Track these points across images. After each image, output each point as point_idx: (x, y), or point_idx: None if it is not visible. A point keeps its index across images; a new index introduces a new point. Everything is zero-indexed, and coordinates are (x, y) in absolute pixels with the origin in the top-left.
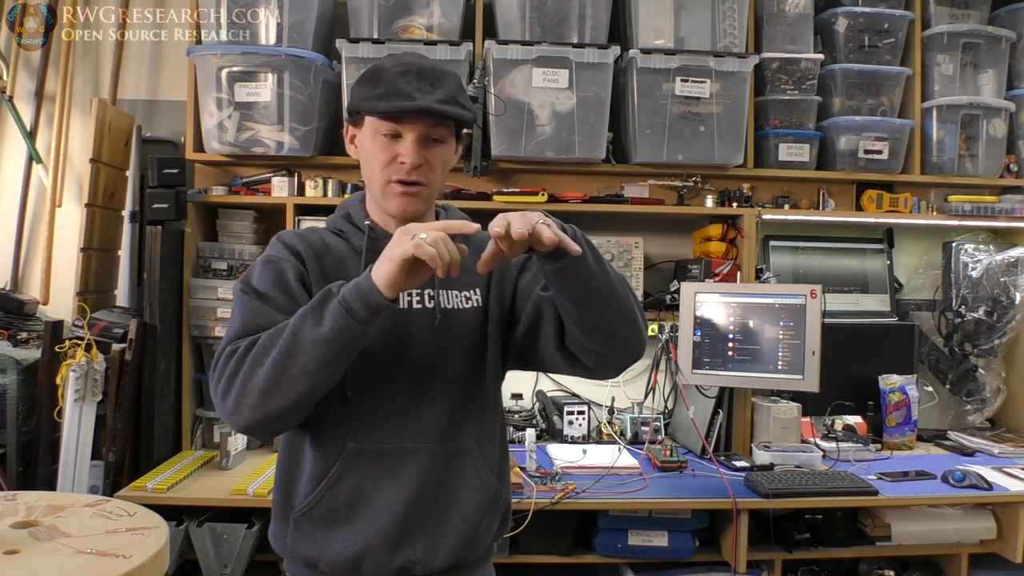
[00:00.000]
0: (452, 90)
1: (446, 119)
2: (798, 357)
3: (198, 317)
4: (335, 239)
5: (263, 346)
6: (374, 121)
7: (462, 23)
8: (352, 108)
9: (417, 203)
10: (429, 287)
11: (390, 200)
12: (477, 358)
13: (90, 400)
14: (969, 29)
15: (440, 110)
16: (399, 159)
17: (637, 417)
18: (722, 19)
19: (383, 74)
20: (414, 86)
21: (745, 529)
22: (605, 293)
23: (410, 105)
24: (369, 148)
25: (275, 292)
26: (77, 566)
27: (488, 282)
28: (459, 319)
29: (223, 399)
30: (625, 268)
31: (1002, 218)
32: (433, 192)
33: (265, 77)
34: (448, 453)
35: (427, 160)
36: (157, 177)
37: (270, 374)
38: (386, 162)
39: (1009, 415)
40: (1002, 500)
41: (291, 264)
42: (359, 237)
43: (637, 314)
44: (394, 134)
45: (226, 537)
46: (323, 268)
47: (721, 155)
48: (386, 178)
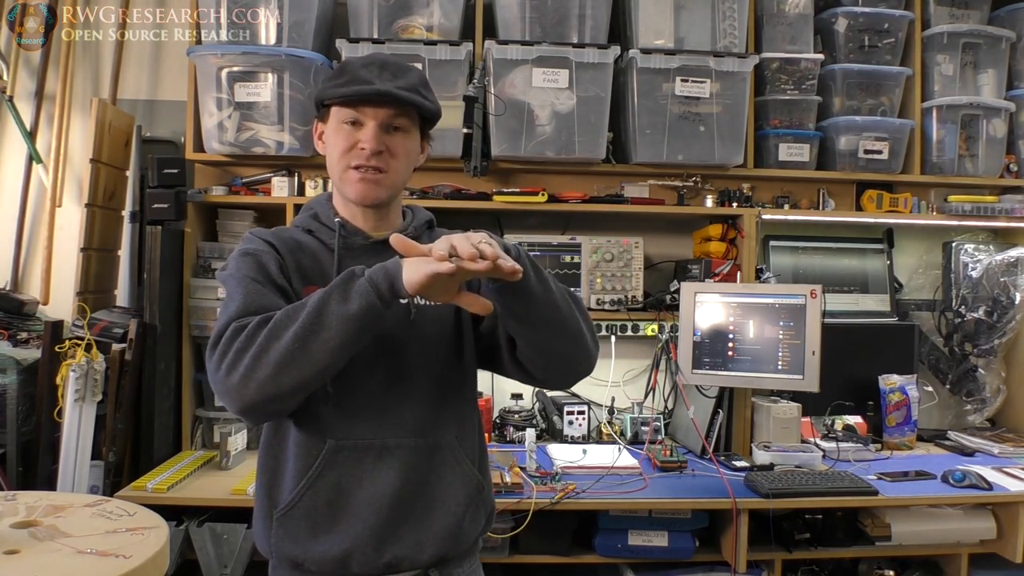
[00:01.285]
0: (413, 81)
1: (405, 105)
2: (798, 357)
3: (198, 317)
4: (306, 237)
5: (280, 321)
6: (337, 111)
7: (462, 23)
8: (317, 99)
9: (377, 190)
10: None
11: (349, 186)
12: (452, 353)
13: (90, 400)
14: (969, 29)
15: (398, 94)
16: (359, 145)
17: (637, 417)
18: (722, 19)
19: (347, 66)
20: (375, 75)
21: (745, 529)
22: (547, 313)
23: (368, 89)
24: (332, 138)
25: (263, 279)
26: (77, 566)
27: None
28: (433, 314)
29: (228, 373)
30: (625, 268)
31: (1002, 218)
32: (395, 181)
33: (265, 77)
34: (429, 447)
35: (388, 147)
36: (157, 177)
37: (289, 348)
38: (346, 149)
39: (1009, 415)
40: (1002, 500)
41: (271, 256)
42: (330, 235)
43: (584, 332)
44: (354, 121)
45: (226, 537)
46: (299, 264)
47: (721, 155)
48: (346, 164)
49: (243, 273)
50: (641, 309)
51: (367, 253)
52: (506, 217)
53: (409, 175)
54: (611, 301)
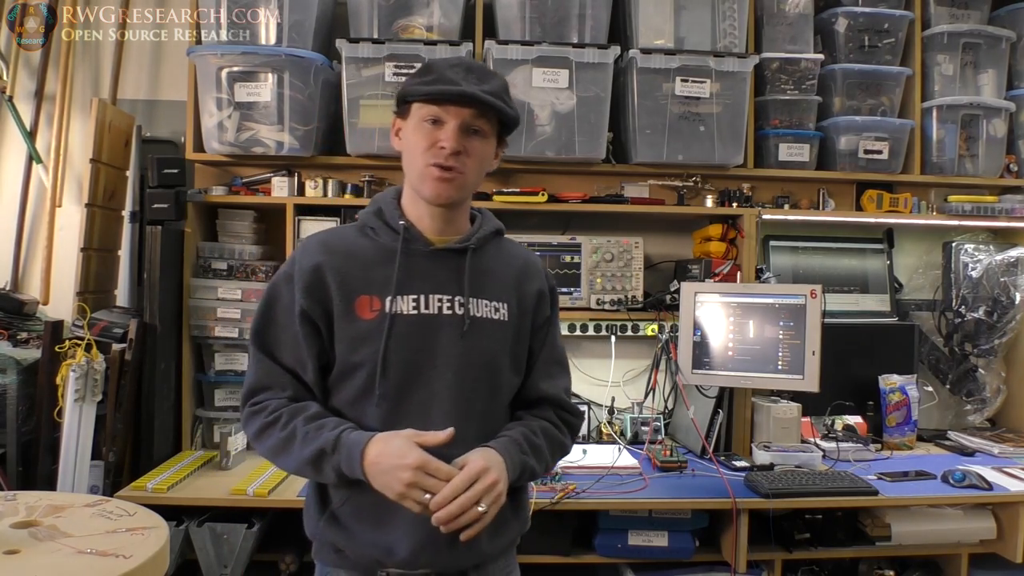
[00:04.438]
0: (497, 87)
1: (488, 109)
2: (798, 357)
3: (198, 317)
4: (364, 242)
5: (268, 425)
6: (419, 108)
7: (462, 23)
8: (400, 96)
9: (451, 189)
10: (459, 294)
11: (426, 183)
12: (497, 369)
13: (90, 400)
14: (969, 29)
15: (482, 97)
16: (439, 144)
17: (637, 417)
18: (722, 19)
19: (433, 65)
20: (461, 76)
21: (745, 529)
22: (534, 473)
23: (453, 89)
24: (412, 136)
25: (276, 336)
26: (77, 566)
27: (515, 300)
28: (486, 328)
29: (248, 438)
30: (625, 268)
31: (1002, 218)
32: (468, 182)
33: (265, 77)
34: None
35: (466, 149)
36: (157, 177)
37: (270, 453)
38: (426, 147)
39: (1009, 415)
40: (1002, 500)
41: (292, 294)
42: (392, 238)
43: (557, 458)
44: (436, 119)
45: (226, 537)
46: (347, 278)
47: (721, 155)
48: (425, 162)
49: (259, 331)
50: (641, 309)
51: (426, 260)
52: (506, 217)
53: (481, 179)
54: (611, 301)
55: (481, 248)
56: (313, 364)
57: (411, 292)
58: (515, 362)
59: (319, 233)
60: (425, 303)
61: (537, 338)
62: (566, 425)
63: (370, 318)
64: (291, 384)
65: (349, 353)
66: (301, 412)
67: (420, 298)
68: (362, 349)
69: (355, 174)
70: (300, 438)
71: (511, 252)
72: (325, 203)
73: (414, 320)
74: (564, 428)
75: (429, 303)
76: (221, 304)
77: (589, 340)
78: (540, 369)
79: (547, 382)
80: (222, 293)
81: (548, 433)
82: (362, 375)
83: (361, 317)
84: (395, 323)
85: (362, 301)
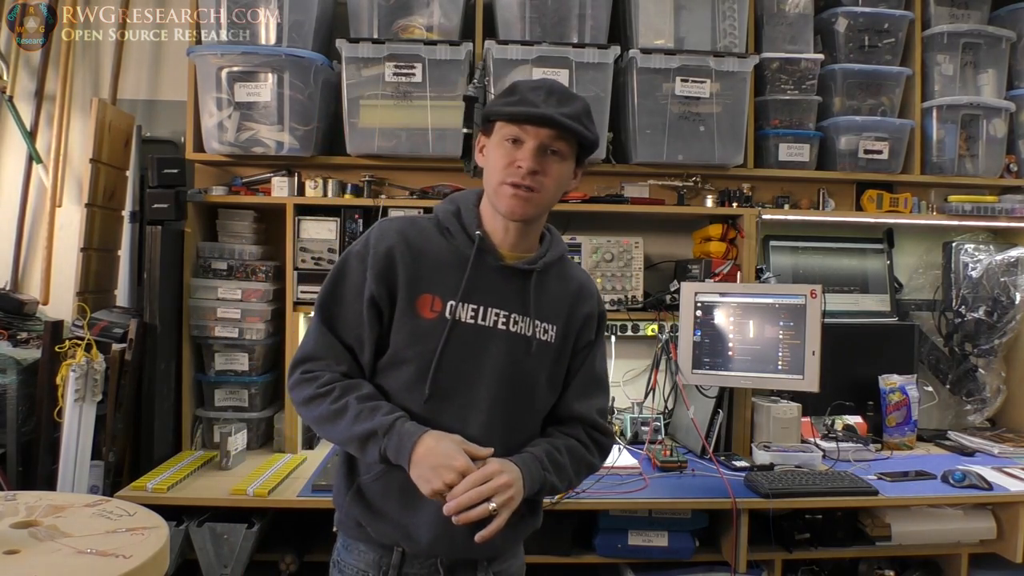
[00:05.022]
0: (577, 109)
1: (566, 131)
2: (798, 357)
3: (198, 317)
4: (440, 240)
5: (320, 396)
6: (501, 128)
7: (462, 23)
8: (485, 114)
9: (527, 207)
10: (516, 311)
11: (502, 200)
12: (535, 385)
13: (90, 400)
14: (969, 29)
15: (560, 120)
16: (516, 163)
17: (637, 417)
18: (722, 19)
19: (518, 87)
20: (542, 99)
21: (745, 529)
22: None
23: (533, 111)
24: (493, 153)
25: (340, 312)
26: (77, 566)
27: (564, 322)
28: (545, 352)
29: (294, 403)
30: (625, 268)
31: (1002, 218)
32: (545, 201)
33: (265, 77)
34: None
35: (543, 169)
36: (157, 177)
37: (316, 422)
38: (505, 165)
39: (1009, 415)
40: (1002, 500)
41: (363, 274)
42: (467, 245)
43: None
44: (516, 139)
45: (226, 537)
46: (416, 273)
47: (721, 155)
48: (501, 179)
49: (324, 304)
50: (641, 309)
51: (494, 274)
52: None
53: (557, 198)
54: (611, 301)
55: (546, 270)
56: (371, 346)
57: (473, 302)
58: (552, 381)
59: (397, 219)
60: (483, 315)
61: (577, 359)
62: (596, 445)
63: (430, 317)
64: (346, 360)
65: (404, 346)
66: (355, 389)
67: (480, 309)
68: (416, 345)
69: (355, 174)
70: (353, 414)
71: (570, 274)
72: (325, 203)
73: (470, 329)
74: (593, 448)
75: (487, 315)
76: (221, 304)
77: None
78: (576, 388)
79: (580, 402)
80: (222, 293)
81: (573, 452)
82: (410, 370)
83: (421, 314)
84: (454, 328)
85: (424, 299)
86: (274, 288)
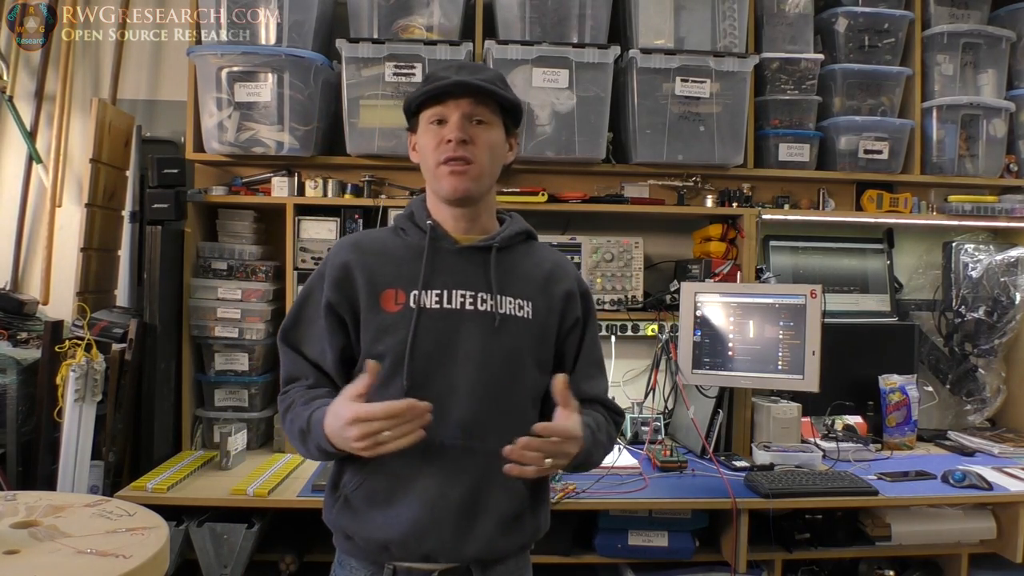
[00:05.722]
0: (491, 75)
1: (483, 95)
2: (798, 357)
3: (198, 317)
4: (395, 241)
5: (284, 412)
6: (424, 116)
7: (462, 23)
8: (405, 109)
9: (466, 181)
10: (483, 290)
11: (442, 182)
12: (519, 364)
13: (90, 400)
14: (969, 29)
15: (475, 83)
16: (445, 139)
17: (637, 417)
18: (722, 19)
19: (428, 74)
20: (453, 71)
21: (745, 529)
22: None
23: (446, 82)
24: (422, 141)
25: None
26: (77, 566)
27: (541, 299)
28: (509, 324)
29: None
30: (625, 268)
31: (1002, 218)
32: (483, 172)
33: (265, 77)
34: (486, 452)
35: (472, 138)
36: (157, 177)
37: (291, 439)
38: (435, 146)
39: (1009, 415)
40: (1002, 500)
41: (322, 290)
42: (420, 236)
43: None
44: (440, 119)
45: (226, 537)
46: (376, 272)
47: (721, 155)
48: (436, 160)
49: (287, 327)
50: (641, 309)
51: (452, 256)
52: None
53: (497, 171)
54: (611, 301)
55: (508, 248)
56: (334, 355)
57: (435, 287)
58: (540, 361)
59: (354, 234)
60: (448, 298)
61: (571, 340)
62: (615, 425)
63: (395, 310)
64: (313, 374)
65: (373, 343)
66: (304, 397)
67: (444, 293)
68: (385, 339)
69: (355, 174)
70: (298, 426)
71: (543, 255)
72: (325, 203)
73: (437, 314)
74: (613, 428)
75: (452, 298)
76: (221, 304)
77: None
78: (581, 371)
79: (589, 383)
80: (222, 293)
81: (601, 426)
82: (385, 365)
83: (386, 309)
84: (420, 316)
85: (387, 294)
86: (274, 288)
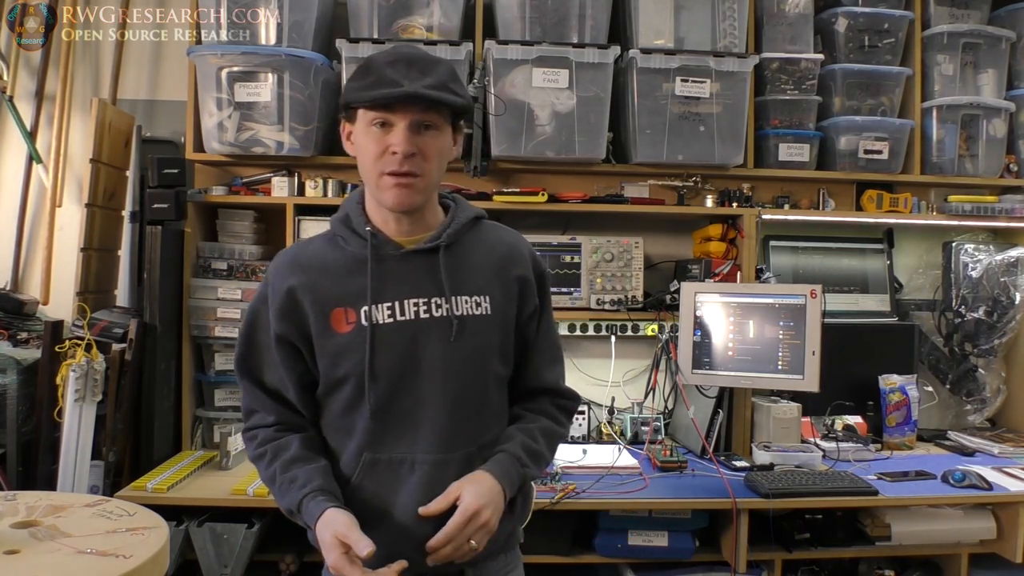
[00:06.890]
0: (442, 77)
1: (436, 104)
2: (798, 357)
3: (198, 317)
4: (334, 253)
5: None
6: (365, 113)
7: (462, 23)
8: (343, 102)
9: (413, 195)
10: (436, 295)
11: (385, 194)
12: (485, 364)
13: (90, 400)
14: (969, 29)
15: (428, 94)
16: (391, 149)
17: (637, 417)
18: (722, 19)
19: (373, 65)
20: (402, 74)
21: (745, 529)
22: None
23: (396, 92)
24: (362, 141)
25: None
26: (77, 566)
27: (498, 289)
28: (469, 325)
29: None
30: (625, 268)
31: (1002, 218)
32: (430, 183)
33: (265, 77)
34: (458, 460)
35: (420, 149)
36: (157, 177)
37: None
38: (378, 154)
39: (1009, 415)
40: (1002, 500)
41: (267, 314)
42: (360, 244)
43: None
44: (384, 123)
45: (226, 537)
46: (321, 293)
47: (721, 155)
48: (379, 170)
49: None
50: (641, 309)
51: (398, 263)
52: (506, 217)
53: (443, 173)
54: (611, 301)
55: (457, 241)
56: (295, 385)
57: (385, 300)
58: (503, 354)
59: (291, 249)
60: (401, 309)
61: (531, 327)
62: (564, 412)
63: (347, 331)
64: (274, 409)
65: (331, 368)
66: (281, 454)
67: (395, 304)
68: (343, 363)
69: (355, 174)
70: (277, 486)
71: (494, 238)
72: (325, 203)
73: (392, 328)
74: (562, 416)
75: (405, 309)
76: (221, 304)
77: (589, 340)
78: (542, 357)
79: (549, 370)
80: (222, 293)
81: (548, 432)
82: (347, 389)
83: (338, 331)
84: (375, 333)
85: (337, 314)
86: None
